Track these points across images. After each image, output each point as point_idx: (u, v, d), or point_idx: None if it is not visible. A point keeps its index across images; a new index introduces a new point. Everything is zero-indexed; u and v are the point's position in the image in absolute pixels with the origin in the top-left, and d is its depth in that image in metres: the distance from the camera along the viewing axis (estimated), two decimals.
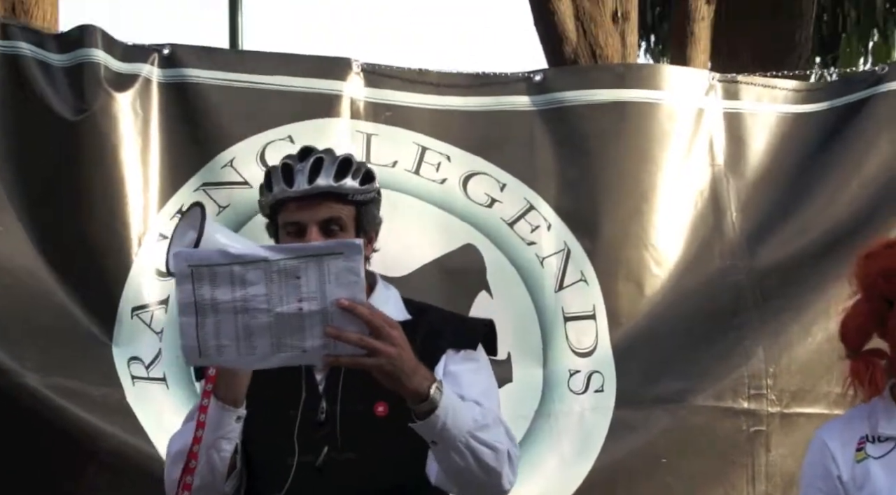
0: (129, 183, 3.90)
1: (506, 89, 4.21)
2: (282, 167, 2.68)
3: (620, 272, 4.09)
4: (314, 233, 2.63)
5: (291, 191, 2.65)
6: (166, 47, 4.04)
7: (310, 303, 2.33)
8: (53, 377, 3.69)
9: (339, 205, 2.66)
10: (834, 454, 2.72)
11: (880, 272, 2.71)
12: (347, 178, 2.67)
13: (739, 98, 4.29)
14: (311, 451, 2.62)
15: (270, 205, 2.70)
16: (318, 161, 2.66)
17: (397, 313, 2.68)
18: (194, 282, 2.33)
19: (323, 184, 2.64)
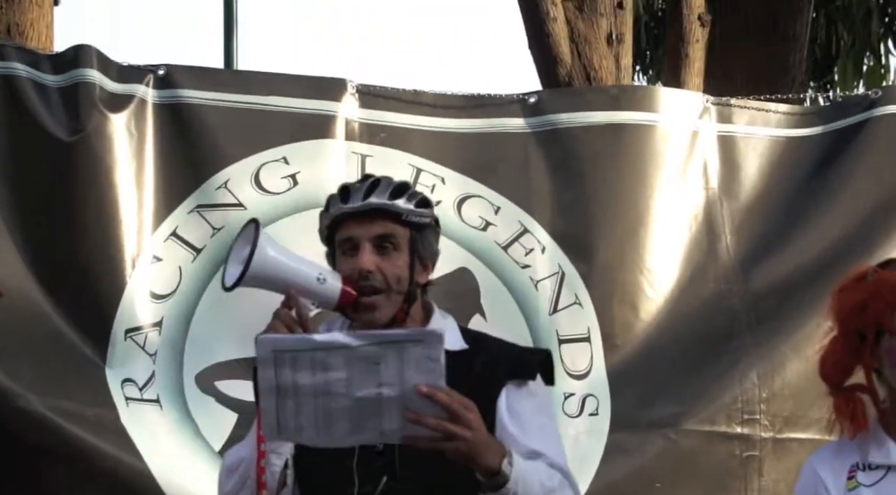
0: (123, 204, 3.90)
1: (500, 111, 4.22)
2: (340, 189, 2.70)
3: (615, 295, 4.09)
4: (367, 250, 2.62)
5: (346, 207, 2.65)
6: (161, 68, 4.04)
7: (389, 389, 2.39)
8: (48, 398, 3.69)
9: (393, 223, 2.65)
10: (825, 482, 2.72)
11: (852, 307, 2.72)
12: (402, 199, 2.66)
13: (733, 121, 4.30)
14: (369, 481, 2.60)
15: (328, 227, 2.69)
16: (376, 181, 2.68)
17: (454, 342, 2.68)
18: (276, 367, 2.38)
19: (376, 201, 2.64)
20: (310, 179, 4.04)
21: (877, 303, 2.68)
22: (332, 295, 2.58)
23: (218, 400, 3.85)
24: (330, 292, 2.57)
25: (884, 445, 2.71)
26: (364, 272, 2.60)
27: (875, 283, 2.71)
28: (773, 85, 5.36)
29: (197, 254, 3.96)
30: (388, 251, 2.63)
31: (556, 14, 5.74)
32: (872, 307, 2.69)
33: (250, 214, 3.96)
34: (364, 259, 2.60)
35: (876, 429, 2.73)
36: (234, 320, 3.87)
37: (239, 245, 2.58)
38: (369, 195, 2.64)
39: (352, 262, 2.61)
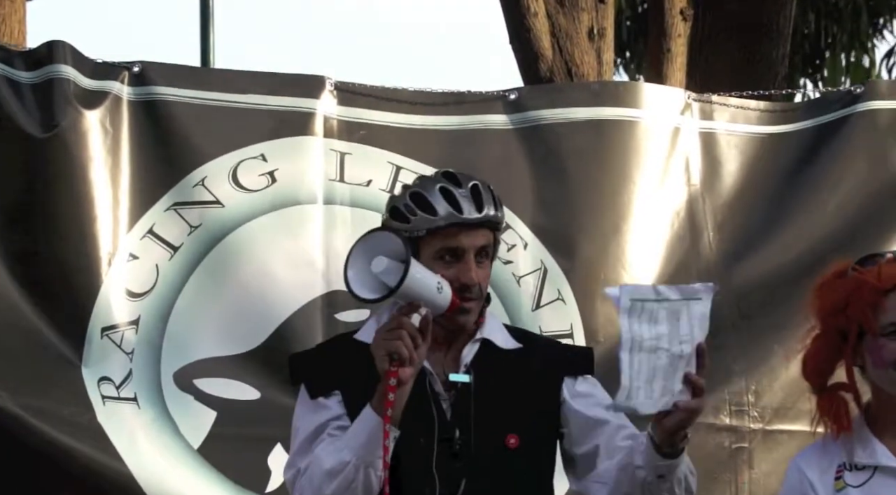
0: (98, 201, 3.86)
1: (481, 108, 4.20)
2: (440, 190, 2.68)
3: (598, 291, 4.07)
4: (471, 260, 2.68)
5: (462, 217, 2.67)
6: (136, 65, 4.00)
7: (685, 346, 2.46)
8: (23, 396, 3.66)
9: (490, 232, 2.73)
10: (812, 482, 2.71)
11: (833, 306, 2.71)
12: (500, 209, 2.75)
13: (714, 118, 4.29)
14: (449, 483, 2.64)
15: (429, 229, 2.68)
16: (476, 188, 2.71)
17: (505, 341, 2.77)
18: (629, 317, 2.45)
19: (491, 213, 2.71)
20: (288, 176, 4.01)
21: (857, 302, 2.67)
22: (444, 303, 2.62)
23: (196, 398, 3.82)
24: (444, 301, 2.61)
25: (869, 445, 2.70)
26: (471, 286, 2.67)
27: (855, 281, 2.69)
28: (757, 80, 5.34)
29: (174, 252, 3.92)
30: (484, 260, 2.72)
31: (536, 9, 5.72)
32: (853, 307, 2.67)
33: (228, 212, 3.97)
34: (473, 273, 2.67)
35: (861, 429, 2.72)
36: (212, 318, 3.87)
37: (365, 250, 2.56)
38: (480, 205, 2.69)
39: (454, 271, 2.66)
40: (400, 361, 2.52)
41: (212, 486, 3.72)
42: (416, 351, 2.55)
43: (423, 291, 2.56)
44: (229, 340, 3.87)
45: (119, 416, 3.74)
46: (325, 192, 4.04)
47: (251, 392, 3.87)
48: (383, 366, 2.54)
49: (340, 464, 2.57)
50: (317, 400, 2.69)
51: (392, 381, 2.52)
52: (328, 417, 2.67)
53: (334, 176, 4.07)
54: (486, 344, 2.74)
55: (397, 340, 2.53)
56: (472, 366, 2.70)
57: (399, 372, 2.52)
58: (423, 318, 2.56)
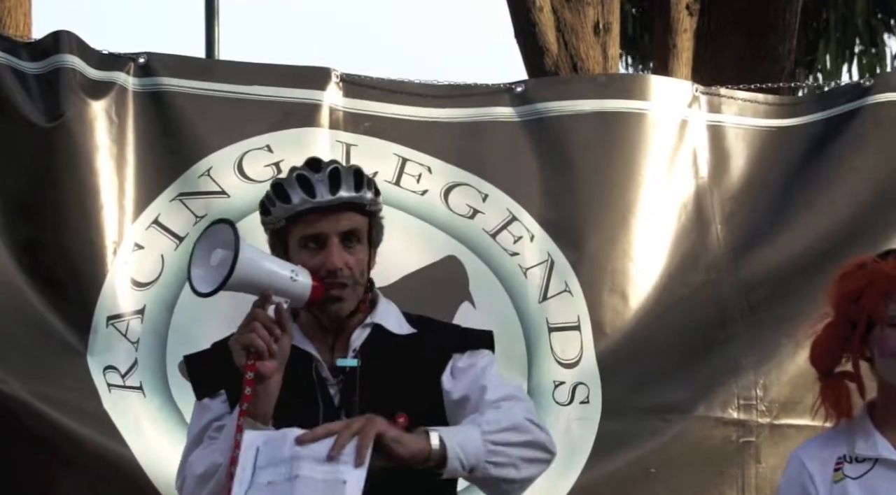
0: (104, 191, 3.85)
1: (487, 100, 4.19)
2: (297, 178, 2.63)
3: (605, 283, 4.06)
4: (336, 246, 2.61)
5: (315, 201, 2.61)
6: (142, 56, 4.00)
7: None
8: (30, 383, 3.65)
9: (357, 215, 2.65)
10: (812, 474, 2.72)
11: (847, 295, 2.72)
12: (364, 188, 2.66)
13: (722, 111, 4.27)
14: None
15: (287, 218, 2.64)
16: (336, 171, 2.64)
17: (399, 326, 2.72)
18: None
19: (346, 195, 2.62)
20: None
21: (871, 293, 2.68)
22: (303, 292, 2.56)
23: None
24: (302, 290, 2.56)
25: (871, 437, 2.70)
26: (335, 270, 2.59)
27: (871, 273, 2.71)
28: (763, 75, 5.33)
29: (179, 242, 3.91)
30: (353, 244, 2.63)
31: (542, 3, 5.72)
32: (866, 296, 2.69)
33: (233, 202, 3.95)
34: (335, 257, 2.59)
35: (864, 421, 2.73)
36: (217, 308, 3.77)
37: (205, 245, 2.53)
38: (336, 187, 2.61)
39: (319, 258, 2.60)
40: (257, 354, 2.48)
41: None
42: (276, 343, 2.50)
43: (268, 280, 2.51)
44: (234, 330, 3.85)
45: (125, 404, 3.74)
46: None
47: None
48: (240, 360, 2.50)
49: (212, 467, 2.55)
50: (202, 402, 2.69)
51: (249, 375, 2.48)
52: (209, 418, 2.65)
53: None
54: (378, 329, 2.69)
55: (251, 333, 2.50)
56: (360, 350, 2.66)
57: (258, 365, 2.47)
58: (277, 309, 2.52)
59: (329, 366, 2.66)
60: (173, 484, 3.63)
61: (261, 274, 2.51)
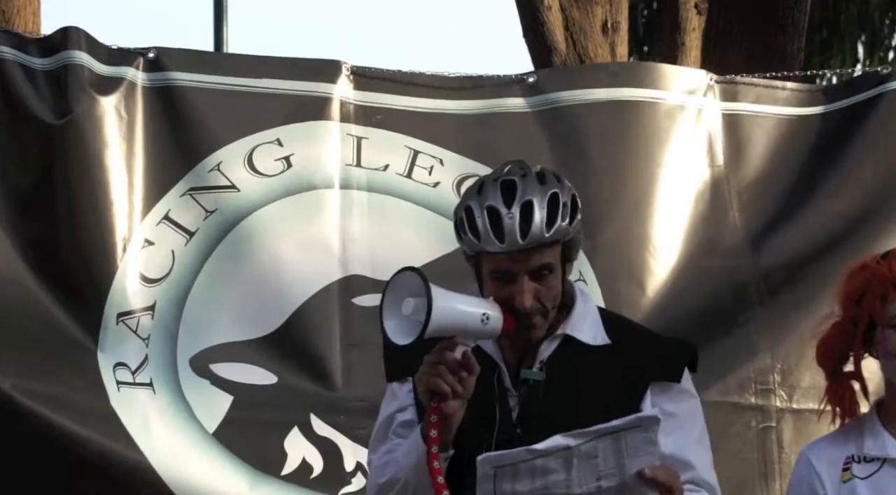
0: (113, 187, 3.84)
1: (499, 91, 4.17)
2: (489, 214, 2.51)
3: (621, 272, 4.04)
4: (525, 282, 2.51)
5: (503, 247, 2.50)
6: (151, 51, 3.98)
7: (608, 480, 2.37)
8: (37, 382, 3.64)
9: (548, 249, 2.53)
10: (820, 474, 2.72)
11: (850, 295, 2.73)
12: (557, 222, 2.52)
13: (738, 99, 4.25)
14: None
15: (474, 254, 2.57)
16: (528, 206, 2.50)
17: (594, 336, 2.62)
18: (496, 480, 2.36)
19: (537, 236, 2.50)
20: (304, 161, 3.99)
21: (870, 294, 2.69)
22: (495, 330, 2.50)
23: (213, 383, 3.80)
24: (493, 329, 2.50)
25: (879, 437, 2.70)
26: (525, 311, 2.52)
27: (871, 272, 2.71)
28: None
29: (190, 237, 3.90)
30: (546, 277, 2.54)
31: (550, 2, 5.72)
32: (867, 297, 2.69)
33: (244, 196, 3.95)
34: (525, 297, 2.51)
35: (872, 420, 2.73)
36: (228, 303, 3.85)
37: (395, 293, 2.46)
38: (526, 228, 2.48)
39: (508, 291, 2.51)
40: (441, 397, 2.45)
41: (227, 470, 3.70)
42: (461, 383, 2.46)
43: (460, 324, 2.46)
44: (245, 325, 3.85)
45: (133, 401, 3.72)
46: (342, 177, 4.02)
47: (267, 376, 3.84)
48: (424, 400, 2.49)
49: (392, 481, 2.56)
50: (391, 385, 2.66)
51: (433, 418, 2.47)
52: (396, 408, 2.63)
53: (351, 160, 4.04)
54: (569, 339, 2.60)
55: (437, 377, 2.45)
56: (548, 363, 2.58)
57: (442, 406, 2.46)
58: (465, 354, 2.47)
59: (512, 377, 2.59)
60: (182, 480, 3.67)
61: (454, 318, 2.45)
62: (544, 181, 2.56)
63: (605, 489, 2.36)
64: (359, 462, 3.76)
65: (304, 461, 3.78)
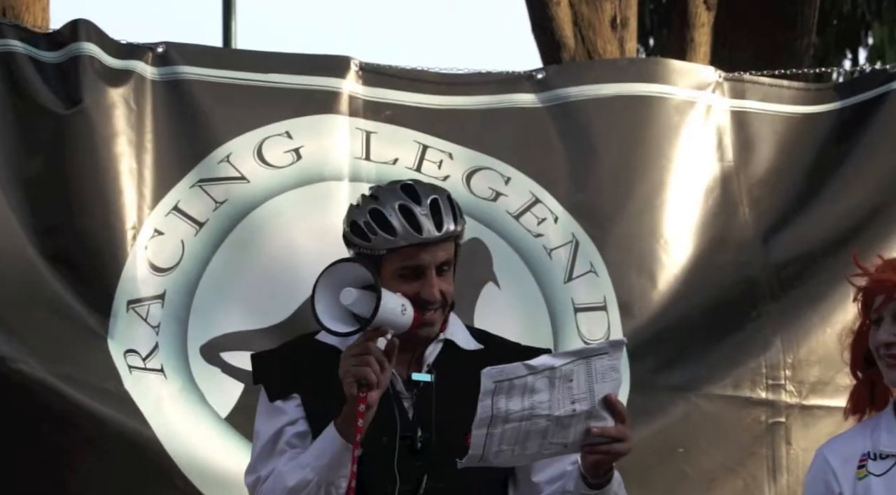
0: (123, 177, 3.84)
1: (508, 87, 4.17)
2: (401, 210, 2.66)
3: (632, 264, 4.05)
4: (433, 276, 2.67)
5: (422, 237, 2.66)
6: (160, 46, 3.99)
7: (581, 404, 2.49)
8: (51, 364, 3.65)
9: (450, 245, 2.72)
10: (835, 471, 2.71)
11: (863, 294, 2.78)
12: (459, 218, 2.72)
13: (746, 97, 4.25)
14: (409, 480, 2.64)
15: (388, 249, 2.67)
16: (436, 203, 2.69)
17: (467, 342, 2.79)
18: (494, 396, 2.45)
19: (451, 229, 2.68)
20: (313, 154, 4.00)
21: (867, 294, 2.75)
22: (408, 322, 2.61)
23: (224, 371, 3.80)
24: (407, 321, 2.61)
25: (895, 433, 2.69)
26: (434, 302, 2.66)
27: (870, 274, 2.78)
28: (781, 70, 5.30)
29: (199, 227, 3.90)
30: (446, 273, 2.70)
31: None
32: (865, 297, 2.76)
33: (253, 187, 3.95)
34: (434, 289, 2.66)
35: (889, 417, 2.73)
36: (238, 293, 3.86)
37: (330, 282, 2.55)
38: (440, 222, 2.66)
39: (415, 287, 2.65)
40: (368, 386, 2.52)
41: (239, 453, 3.68)
42: (382, 373, 2.55)
43: (390, 317, 2.56)
44: (256, 315, 3.86)
45: (146, 384, 3.73)
46: (351, 170, 4.02)
47: None
48: (352, 391, 2.54)
49: (303, 483, 2.59)
50: (275, 404, 2.70)
51: (362, 408, 2.53)
52: (285, 422, 2.68)
53: (360, 154, 4.04)
54: (449, 344, 2.75)
55: (365, 367, 2.53)
56: (434, 365, 2.72)
57: (368, 397, 2.53)
58: (390, 342, 2.56)
59: (403, 380, 2.70)
60: (194, 463, 3.68)
61: (389, 312, 2.55)
62: (434, 187, 2.76)
63: (578, 413, 2.48)
64: None
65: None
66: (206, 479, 3.67)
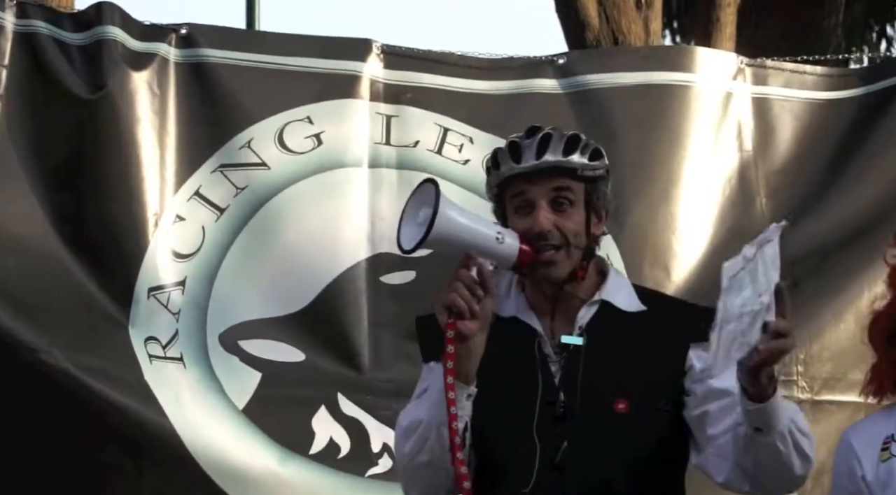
0: (145, 162, 3.86)
1: (529, 72, 4.16)
2: (509, 145, 2.61)
3: (647, 256, 4.04)
4: (543, 208, 2.56)
5: (519, 167, 2.57)
6: (184, 27, 4.00)
7: (765, 296, 2.34)
8: (73, 354, 3.67)
9: (568, 179, 2.59)
10: (859, 454, 2.69)
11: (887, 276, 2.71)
12: (576, 154, 2.59)
13: (768, 83, 4.22)
14: (550, 446, 2.53)
15: (497, 185, 2.62)
16: (546, 137, 2.59)
17: (629, 302, 2.66)
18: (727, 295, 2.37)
19: (551, 158, 2.57)
20: (334, 139, 4.00)
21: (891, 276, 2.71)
22: (510, 254, 2.51)
23: (242, 360, 3.82)
24: (509, 251, 2.51)
25: None
26: (543, 232, 2.55)
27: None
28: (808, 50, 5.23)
29: (220, 213, 3.92)
30: (565, 207, 2.58)
31: None
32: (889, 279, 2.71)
33: (274, 174, 3.97)
34: (541, 218, 2.55)
35: None
36: (257, 280, 3.87)
37: (414, 204, 2.50)
38: (542, 152, 2.57)
39: (528, 221, 2.56)
40: (458, 314, 2.44)
41: (255, 447, 3.73)
42: (479, 304, 2.45)
43: (471, 239, 2.47)
44: (274, 302, 3.86)
45: (165, 375, 3.74)
46: (371, 155, 4.03)
47: (296, 354, 3.86)
48: (442, 319, 2.47)
49: (415, 423, 2.54)
50: (428, 364, 2.64)
51: (450, 333, 2.44)
52: (426, 386, 2.62)
53: (380, 139, 4.05)
54: (606, 306, 2.62)
55: (452, 292, 2.45)
56: (587, 328, 2.60)
57: (459, 325, 2.43)
58: (480, 269, 2.46)
59: (553, 343, 2.60)
60: (211, 455, 3.70)
61: (463, 232, 2.46)
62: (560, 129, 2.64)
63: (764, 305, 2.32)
64: (385, 443, 3.77)
65: (331, 440, 3.81)
66: (223, 471, 3.69)
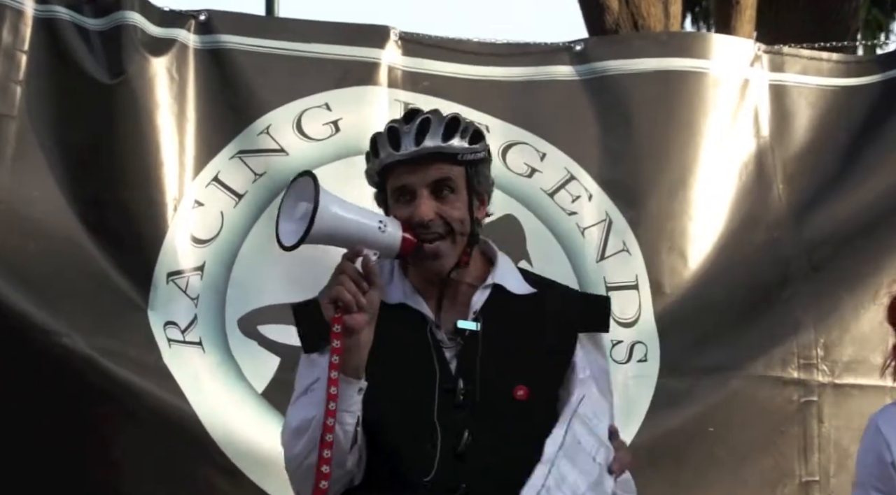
0: (164, 148, 3.86)
1: (546, 59, 4.16)
2: (387, 130, 2.55)
3: (664, 243, 4.04)
4: (425, 197, 2.51)
5: (399, 154, 2.51)
6: (203, 13, 4.01)
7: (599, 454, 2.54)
8: (93, 338, 3.67)
9: (448, 165, 2.53)
10: (888, 439, 2.71)
11: None
12: (455, 138, 2.53)
13: (785, 70, 4.23)
14: (450, 434, 2.50)
15: (378, 172, 2.57)
16: (425, 121, 2.53)
17: (519, 286, 2.62)
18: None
19: (431, 144, 2.50)
20: (352, 126, 4.00)
21: None
22: (393, 243, 2.48)
23: (261, 344, 3.83)
24: (391, 241, 2.48)
25: None
26: (424, 222, 2.50)
27: None
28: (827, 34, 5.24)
29: (239, 199, 3.94)
30: (446, 194, 2.53)
31: None
32: None
33: (292, 160, 3.97)
34: (423, 208, 2.50)
35: None
36: (276, 265, 3.86)
37: (291, 199, 2.47)
38: (422, 137, 2.50)
39: (409, 210, 2.51)
40: (345, 308, 2.40)
41: (275, 429, 3.69)
42: (365, 296, 2.41)
43: (354, 232, 2.44)
44: (293, 287, 3.84)
45: (184, 358, 3.75)
46: None
47: None
48: (328, 313, 2.43)
49: (305, 422, 2.47)
50: (310, 357, 2.58)
51: (336, 328, 2.40)
52: (316, 377, 2.52)
53: None
54: (499, 289, 2.58)
55: (338, 285, 2.42)
56: (481, 312, 2.56)
57: (346, 318, 2.40)
58: (365, 262, 2.43)
59: (445, 328, 2.56)
60: (231, 438, 3.72)
61: (345, 225, 2.44)
62: (438, 111, 2.58)
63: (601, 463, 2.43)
64: None
65: None
66: (243, 454, 3.70)
